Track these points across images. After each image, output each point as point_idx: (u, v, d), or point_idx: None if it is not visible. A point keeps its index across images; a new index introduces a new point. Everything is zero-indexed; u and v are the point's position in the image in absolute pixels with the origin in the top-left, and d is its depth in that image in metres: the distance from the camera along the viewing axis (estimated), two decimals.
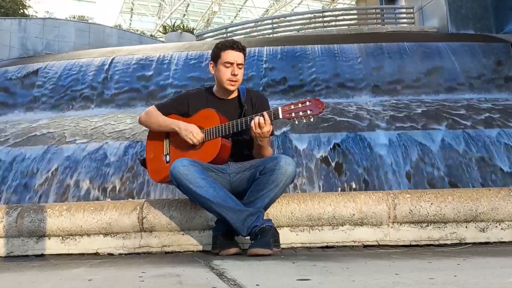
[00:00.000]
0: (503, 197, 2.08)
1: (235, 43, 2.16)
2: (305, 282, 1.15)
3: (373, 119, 4.54)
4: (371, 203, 2.08)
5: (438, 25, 8.57)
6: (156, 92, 6.17)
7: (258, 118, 1.92)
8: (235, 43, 2.16)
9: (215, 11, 23.86)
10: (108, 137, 4.45)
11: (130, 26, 25.17)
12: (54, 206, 2.22)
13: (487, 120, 4.46)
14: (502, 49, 6.33)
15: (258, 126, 1.92)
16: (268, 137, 1.99)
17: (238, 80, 2.15)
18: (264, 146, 2.05)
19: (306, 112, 1.88)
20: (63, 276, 1.48)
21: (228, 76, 2.12)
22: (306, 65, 6.19)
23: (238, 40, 2.22)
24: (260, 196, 1.90)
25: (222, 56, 2.13)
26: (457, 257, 1.63)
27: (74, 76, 6.48)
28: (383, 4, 12.45)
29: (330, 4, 23.76)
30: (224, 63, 2.12)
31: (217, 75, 2.17)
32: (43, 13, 16.91)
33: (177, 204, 2.15)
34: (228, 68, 2.12)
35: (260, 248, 1.76)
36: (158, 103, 2.32)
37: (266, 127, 1.92)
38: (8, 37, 8.52)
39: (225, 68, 2.12)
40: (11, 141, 4.62)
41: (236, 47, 2.14)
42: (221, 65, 2.13)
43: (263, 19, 16.18)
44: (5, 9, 11.13)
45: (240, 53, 2.15)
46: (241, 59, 2.15)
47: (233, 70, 2.12)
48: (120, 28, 13.48)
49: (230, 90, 2.16)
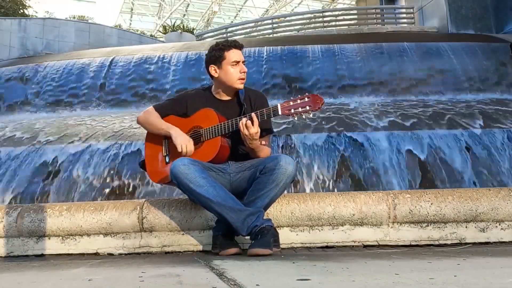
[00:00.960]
0: (503, 197, 2.08)
1: (236, 41, 2.17)
2: (305, 282, 1.15)
3: (373, 119, 4.54)
4: (371, 203, 2.07)
5: (438, 25, 8.58)
6: (156, 92, 6.17)
7: (245, 119, 1.92)
8: (236, 41, 2.17)
9: (215, 11, 23.87)
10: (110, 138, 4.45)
11: (130, 26, 25.17)
12: (54, 206, 2.22)
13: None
14: (502, 49, 6.33)
15: (245, 127, 1.92)
16: (257, 139, 1.96)
17: (245, 78, 2.15)
18: (255, 149, 2.03)
19: (305, 108, 1.88)
20: (63, 276, 1.48)
21: (238, 75, 2.11)
22: (306, 65, 6.19)
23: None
24: (260, 195, 1.90)
25: (227, 56, 2.11)
26: (457, 257, 1.63)
27: (74, 76, 6.48)
28: (383, 4, 12.45)
29: (330, 4, 23.77)
30: (231, 62, 2.11)
31: (223, 76, 2.12)
32: (43, 13, 16.93)
33: (177, 204, 2.15)
34: (235, 66, 2.11)
35: (260, 248, 1.76)
36: (156, 103, 2.32)
37: (254, 128, 1.91)
38: (8, 37, 8.53)
39: (233, 67, 2.11)
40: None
41: (238, 45, 2.15)
42: (228, 65, 2.11)
43: (263, 19, 16.18)
44: (5, 9, 11.13)
45: (241, 51, 2.16)
46: (243, 56, 2.17)
47: (242, 68, 2.12)
48: (120, 28, 13.49)
49: (239, 88, 2.15)
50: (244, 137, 1.96)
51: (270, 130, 2.18)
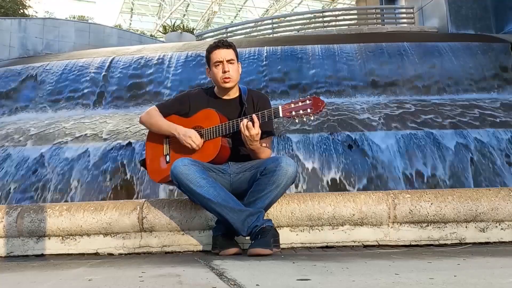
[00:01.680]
0: (503, 197, 2.08)
1: (220, 41, 2.19)
2: (305, 282, 1.15)
3: (373, 119, 4.54)
4: (371, 203, 2.08)
5: (438, 25, 8.58)
6: (156, 92, 6.17)
7: (246, 120, 1.93)
8: (220, 41, 2.19)
9: (215, 11, 23.87)
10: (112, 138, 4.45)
11: (130, 26, 25.18)
12: (54, 206, 2.22)
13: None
14: (502, 49, 6.33)
15: (246, 128, 1.92)
16: (257, 140, 1.97)
17: (231, 76, 2.13)
18: (255, 151, 2.03)
19: (306, 111, 1.88)
20: (63, 276, 1.47)
21: (220, 74, 2.13)
22: (306, 65, 6.19)
23: (224, 39, 2.23)
24: (260, 196, 1.90)
25: (211, 57, 2.16)
26: (457, 257, 1.63)
27: (74, 76, 6.47)
28: (383, 4, 12.45)
29: (330, 4, 23.77)
30: (214, 63, 2.15)
31: (212, 77, 2.20)
32: (43, 13, 16.95)
33: (177, 204, 2.15)
34: (218, 67, 2.14)
35: (260, 248, 1.76)
36: (159, 103, 2.32)
37: (255, 129, 1.91)
38: (8, 37, 8.53)
39: (216, 68, 2.15)
40: None
41: (221, 44, 2.16)
42: (213, 66, 2.16)
43: (263, 19, 16.19)
44: (5, 9, 11.12)
45: (228, 50, 2.16)
46: (230, 55, 2.15)
47: (224, 67, 2.13)
48: (120, 28, 13.49)
49: (226, 87, 2.16)
50: (244, 138, 1.96)
51: (271, 132, 2.17)
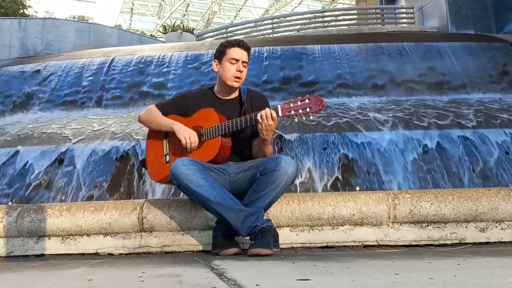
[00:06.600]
0: (503, 197, 2.08)
1: (241, 41, 2.19)
2: (305, 282, 1.15)
3: (373, 119, 4.54)
4: (371, 203, 2.08)
5: (438, 25, 8.58)
6: (156, 92, 6.17)
7: (268, 110, 1.92)
8: (241, 41, 2.19)
9: (215, 11, 23.87)
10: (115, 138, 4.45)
11: (130, 26, 25.17)
12: (54, 206, 2.22)
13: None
14: (502, 49, 6.33)
15: (267, 118, 1.89)
16: (273, 130, 1.98)
17: (242, 78, 2.16)
18: (268, 141, 2.04)
19: (306, 110, 1.88)
20: (63, 276, 1.47)
21: (233, 72, 2.13)
22: (306, 65, 6.18)
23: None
24: (260, 196, 1.90)
25: (227, 52, 2.15)
26: (457, 257, 1.63)
27: (74, 76, 6.47)
28: (383, 4, 12.44)
29: (330, 4, 23.77)
30: (230, 59, 2.14)
31: (221, 72, 2.17)
32: (43, 13, 16.92)
33: (177, 204, 2.15)
34: (233, 64, 2.14)
35: (260, 248, 1.76)
36: (158, 102, 2.32)
37: (274, 120, 1.92)
38: (8, 37, 8.52)
39: (230, 64, 2.14)
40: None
41: (242, 45, 2.17)
42: (227, 61, 2.14)
43: (263, 19, 16.18)
44: (5, 9, 11.11)
45: (245, 52, 2.17)
46: (246, 57, 2.17)
47: (239, 66, 2.13)
48: (120, 28, 13.47)
49: (233, 86, 2.16)
50: (260, 129, 1.94)
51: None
